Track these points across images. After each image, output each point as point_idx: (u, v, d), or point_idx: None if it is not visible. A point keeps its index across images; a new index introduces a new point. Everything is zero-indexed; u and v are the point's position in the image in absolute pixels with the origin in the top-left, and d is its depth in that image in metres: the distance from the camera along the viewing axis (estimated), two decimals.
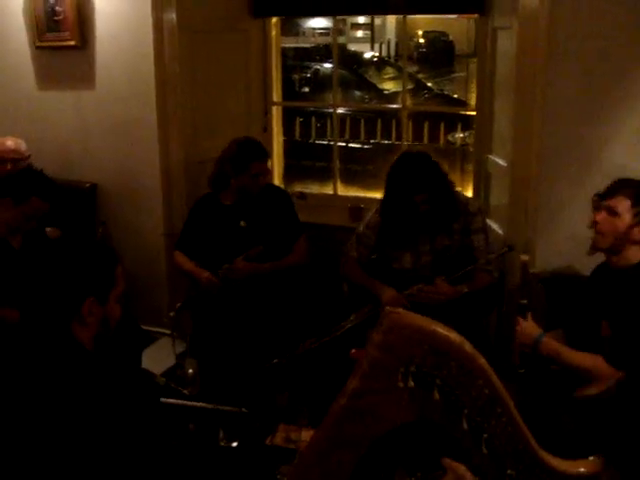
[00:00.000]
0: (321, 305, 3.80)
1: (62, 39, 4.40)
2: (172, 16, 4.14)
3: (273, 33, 4.71)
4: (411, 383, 1.36)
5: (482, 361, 1.40)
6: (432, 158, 3.49)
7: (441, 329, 1.37)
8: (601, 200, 2.70)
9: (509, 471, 1.48)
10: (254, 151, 3.73)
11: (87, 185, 4.55)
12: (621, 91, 3.37)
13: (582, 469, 1.48)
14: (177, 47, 4.18)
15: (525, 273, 2.94)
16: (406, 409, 1.39)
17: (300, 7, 4.65)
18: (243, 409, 2.79)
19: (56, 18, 4.37)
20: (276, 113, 4.83)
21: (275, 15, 4.67)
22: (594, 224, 2.70)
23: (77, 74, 4.50)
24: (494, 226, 3.95)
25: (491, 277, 3.50)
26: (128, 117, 4.40)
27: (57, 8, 4.35)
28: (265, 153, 3.80)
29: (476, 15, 4.20)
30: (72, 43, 4.38)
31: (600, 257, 2.80)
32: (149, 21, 4.16)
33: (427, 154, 3.54)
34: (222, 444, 2.69)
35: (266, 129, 4.75)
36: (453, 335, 1.37)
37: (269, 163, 3.88)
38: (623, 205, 2.62)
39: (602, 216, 2.67)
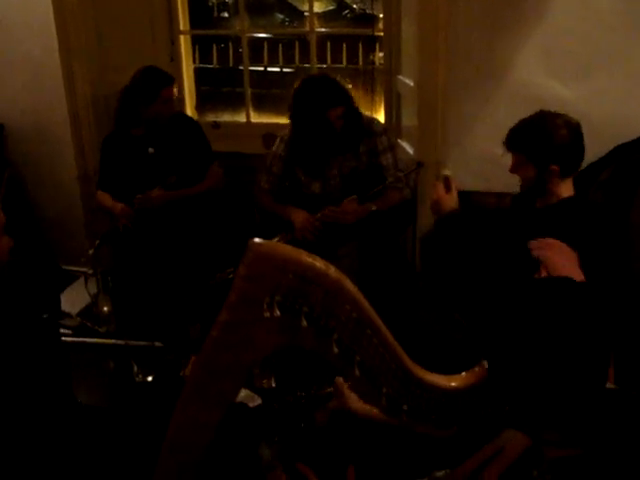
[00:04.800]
0: (235, 233, 3.81)
1: None
2: None
3: None
4: (277, 312, 1.37)
5: (349, 286, 1.42)
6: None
7: (306, 257, 1.38)
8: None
9: (384, 389, 1.52)
10: (161, 77, 3.70)
11: None
12: (525, 6, 3.36)
13: (454, 383, 1.53)
14: None
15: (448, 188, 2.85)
16: (276, 337, 1.41)
17: None
18: (156, 343, 2.83)
19: None
20: (184, 42, 4.71)
21: None
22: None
23: None
24: (405, 146, 3.97)
25: (401, 194, 3.53)
26: (29, 51, 4.22)
27: None
28: (171, 78, 3.76)
29: None
30: None
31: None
32: None
33: (328, 75, 3.52)
34: (137, 379, 2.73)
35: (173, 59, 4.65)
36: (318, 262, 1.38)
37: (177, 91, 3.83)
38: (521, 160, 2.61)
39: (514, 166, 2.66)
